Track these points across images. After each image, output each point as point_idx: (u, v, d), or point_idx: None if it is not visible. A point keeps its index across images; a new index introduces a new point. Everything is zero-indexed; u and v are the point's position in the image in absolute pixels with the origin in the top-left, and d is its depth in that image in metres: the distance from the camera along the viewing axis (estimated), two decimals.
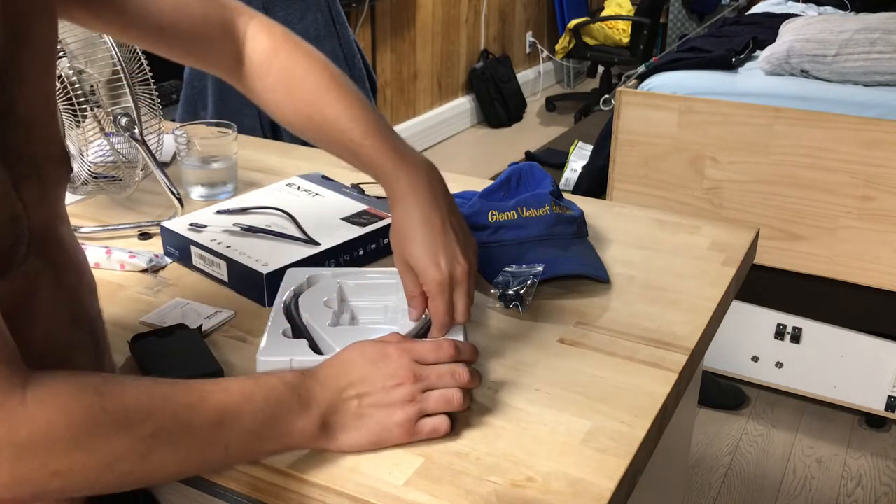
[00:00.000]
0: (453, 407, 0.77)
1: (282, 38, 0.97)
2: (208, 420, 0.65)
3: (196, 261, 1.08)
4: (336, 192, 1.21)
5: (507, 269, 1.02)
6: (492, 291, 1.00)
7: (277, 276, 0.99)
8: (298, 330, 0.88)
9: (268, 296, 1.00)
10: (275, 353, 0.84)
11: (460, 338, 0.84)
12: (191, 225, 1.11)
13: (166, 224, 1.12)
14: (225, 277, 1.05)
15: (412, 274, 0.85)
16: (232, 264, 1.03)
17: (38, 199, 0.68)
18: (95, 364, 0.77)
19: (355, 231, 1.09)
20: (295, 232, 1.09)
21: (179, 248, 1.11)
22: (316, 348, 0.85)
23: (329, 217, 1.13)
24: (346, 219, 1.12)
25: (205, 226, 1.11)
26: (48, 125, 0.71)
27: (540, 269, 1.00)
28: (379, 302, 0.95)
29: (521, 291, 0.98)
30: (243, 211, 1.15)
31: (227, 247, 1.05)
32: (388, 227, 1.09)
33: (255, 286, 1.00)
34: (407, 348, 0.77)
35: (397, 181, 0.87)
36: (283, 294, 0.94)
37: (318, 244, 1.06)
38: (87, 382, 0.60)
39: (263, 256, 1.03)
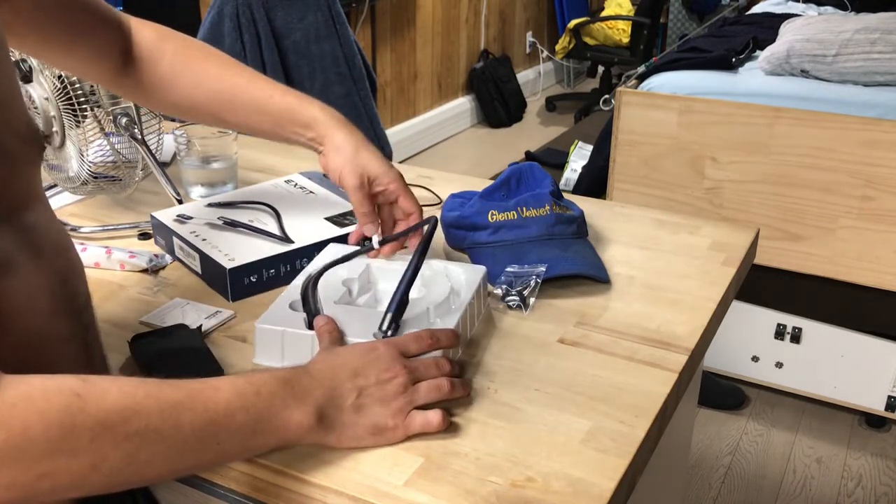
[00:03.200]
0: (443, 394, 0.78)
1: (165, 29, 1.02)
2: (197, 417, 0.64)
3: (177, 252, 1.09)
4: (330, 191, 1.21)
5: (508, 269, 1.02)
6: (495, 292, 1.00)
7: (241, 271, 1.00)
8: (313, 304, 0.89)
9: (231, 291, 1.00)
10: (272, 321, 0.87)
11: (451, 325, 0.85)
12: (177, 216, 1.12)
13: (155, 214, 1.13)
14: (199, 269, 1.06)
15: (365, 192, 0.96)
16: (203, 257, 1.04)
17: (6, 178, 0.68)
18: (82, 355, 0.75)
19: (332, 231, 1.09)
20: (274, 228, 1.09)
21: (165, 239, 1.12)
22: None
23: (313, 215, 1.13)
24: (329, 218, 1.13)
25: (190, 218, 1.12)
26: (11, 103, 0.70)
27: (542, 269, 1.00)
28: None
29: (525, 292, 0.98)
30: (232, 205, 1.15)
31: (203, 240, 1.06)
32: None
33: (221, 280, 1.01)
34: (391, 342, 0.79)
35: (332, 118, 0.97)
36: (311, 268, 0.96)
37: (291, 242, 1.06)
38: (63, 384, 0.59)
39: (233, 251, 1.03)
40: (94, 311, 0.80)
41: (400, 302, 0.86)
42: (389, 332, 0.84)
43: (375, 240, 0.97)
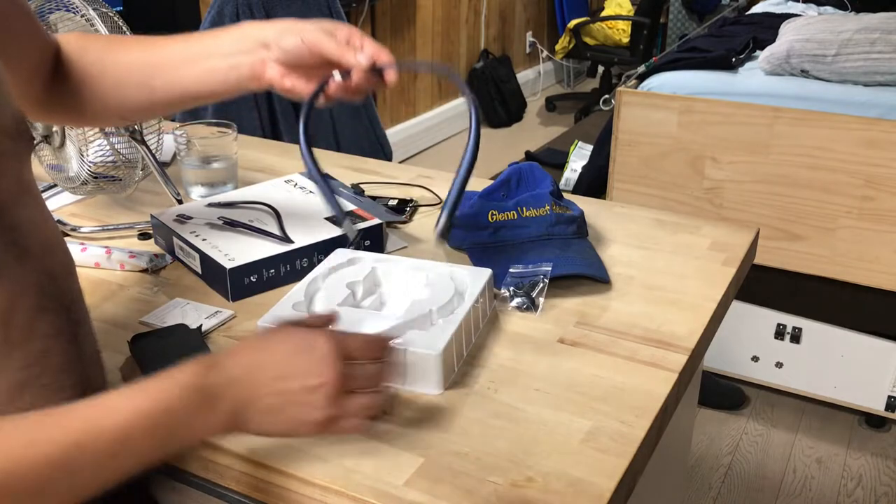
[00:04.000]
0: (370, 415, 0.72)
1: (85, 35, 0.97)
2: (100, 451, 0.61)
3: (178, 252, 1.10)
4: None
5: (512, 269, 1.02)
6: (504, 294, 0.99)
7: (241, 271, 1.00)
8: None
9: (231, 291, 1.00)
10: (274, 321, 0.87)
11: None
12: (178, 216, 1.12)
13: (155, 214, 1.13)
14: (199, 269, 1.06)
15: (332, 37, 0.84)
16: (203, 257, 1.04)
17: None
18: (73, 350, 0.74)
19: (332, 231, 1.09)
20: (274, 228, 1.09)
21: (166, 239, 1.12)
22: None
23: (313, 216, 1.13)
24: (329, 218, 1.13)
25: (190, 218, 1.12)
26: None
27: (548, 268, 1.00)
28: (408, 292, 0.96)
29: (533, 293, 0.98)
30: (232, 205, 1.16)
31: (204, 239, 1.06)
32: (368, 228, 1.10)
33: (221, 280, 1.01)
34: (337, 342, 0.70)
35: (257, 21, 0.89)
36: (318, 270, 0.96)
37: (291, 242, 1.06)
38: None
39: (233, 251, 1.03)
40: (87, 308, 0.79)
41: (455, 201, 0.81)
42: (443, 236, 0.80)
43: (337, 74, 0.86)
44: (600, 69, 5.11)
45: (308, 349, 0.69)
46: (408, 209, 1.24)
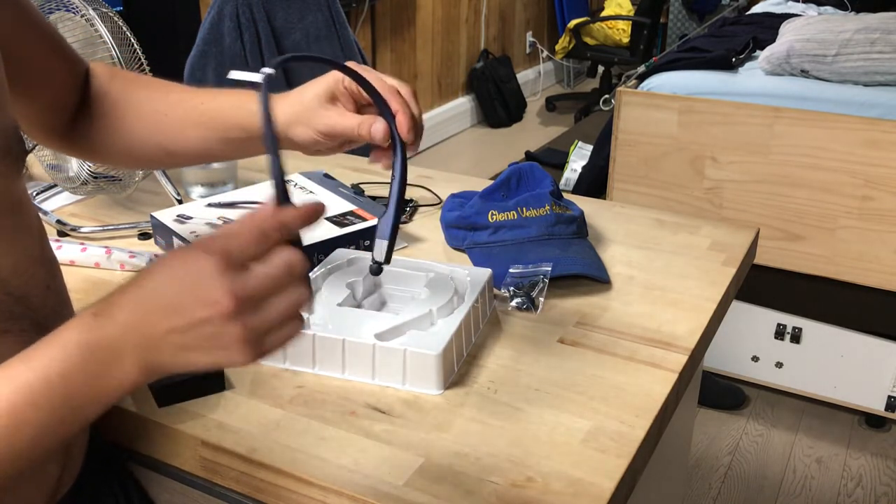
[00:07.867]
0: (295, 315, 0.59)
1: (118, 70, 0.96)
2: None
3: None
4: (331, 192, 1.21)
5: (512, 269, 1.02)
6: (504, 294, 0.99)
7: None
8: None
9: None
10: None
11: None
12: (177, 216, 1.13)
13: (155, 214, 1.13)
14: None
15: (341, 113, 0.82)
16: None
17: None
18: None
19: (332, 231, 1.09)
20: None
21: (165, 239, 1.12)
22: None
23: None
24: (330, 218, 1.13)
25: (190, 217, 1.12)
26: None
27: (548, 268, 1.00)
28: (408, 292, 0.96)
29: (533, 293, 0.98)
30: (231, 205, 1.16)
31: None
32: (368, 228, 1.10)
33: None
34: (218, 252, 0.56)
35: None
36: (318, 270, 0.96)
37: None
38: None
39: None
40: (73, 315, 0.77)
41: (395, 226, 0.78)
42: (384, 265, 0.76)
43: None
44: (600, 69, 5.11)
45: (187, 272, 0.57)
46: (408, 209, 1.24)
